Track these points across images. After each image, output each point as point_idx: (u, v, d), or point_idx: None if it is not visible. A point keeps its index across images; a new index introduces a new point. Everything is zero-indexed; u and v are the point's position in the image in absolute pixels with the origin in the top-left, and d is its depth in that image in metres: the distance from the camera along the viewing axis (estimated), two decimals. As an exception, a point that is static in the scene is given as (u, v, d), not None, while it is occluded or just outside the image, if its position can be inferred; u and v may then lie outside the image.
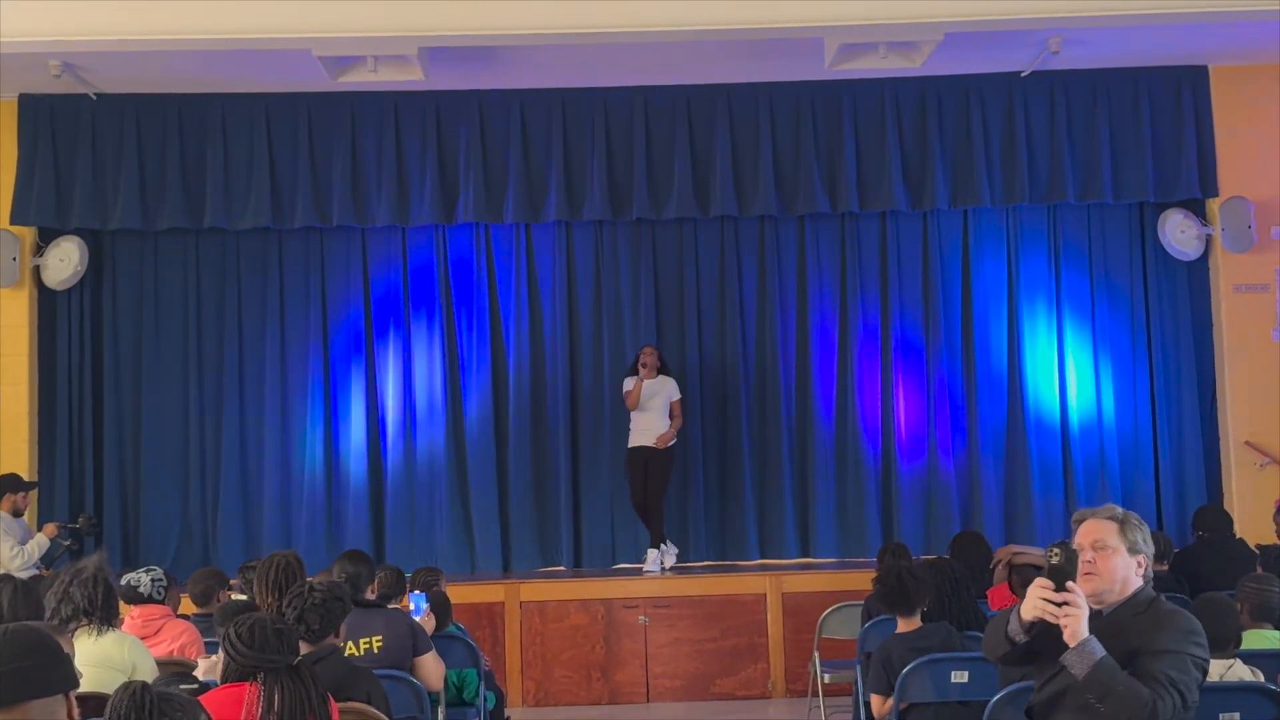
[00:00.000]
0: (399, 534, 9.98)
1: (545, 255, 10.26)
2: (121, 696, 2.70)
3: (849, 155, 9.68)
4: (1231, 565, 6.72)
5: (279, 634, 3.66)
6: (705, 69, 9.43)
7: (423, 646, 5.40)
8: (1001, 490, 10.12)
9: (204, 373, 10.11)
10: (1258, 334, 9.74)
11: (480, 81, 9.54)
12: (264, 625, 3.66)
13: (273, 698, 3.53)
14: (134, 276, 10.13)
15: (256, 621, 3.68)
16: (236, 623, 3.70)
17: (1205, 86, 9.78)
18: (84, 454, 9.90)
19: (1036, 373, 10.21)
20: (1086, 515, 3.78)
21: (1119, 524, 3.70)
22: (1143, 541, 3.70)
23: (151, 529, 9.98)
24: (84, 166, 9.51)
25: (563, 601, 8.88)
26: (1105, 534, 3.69)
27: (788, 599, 8.83)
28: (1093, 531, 3.70)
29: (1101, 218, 10.26)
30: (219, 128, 9.59)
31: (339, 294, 10.21)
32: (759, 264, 10.28)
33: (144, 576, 5.77)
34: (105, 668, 4.68)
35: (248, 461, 10.09)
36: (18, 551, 8.38)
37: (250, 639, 3.61)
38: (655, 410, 9.43)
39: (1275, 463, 9.55)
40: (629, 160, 9.71)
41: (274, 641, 3.62)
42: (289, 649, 3.65)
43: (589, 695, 8.76)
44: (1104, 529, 3.70)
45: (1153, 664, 3.46)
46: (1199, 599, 4.73)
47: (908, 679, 5.00)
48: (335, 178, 9.62)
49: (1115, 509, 3.77)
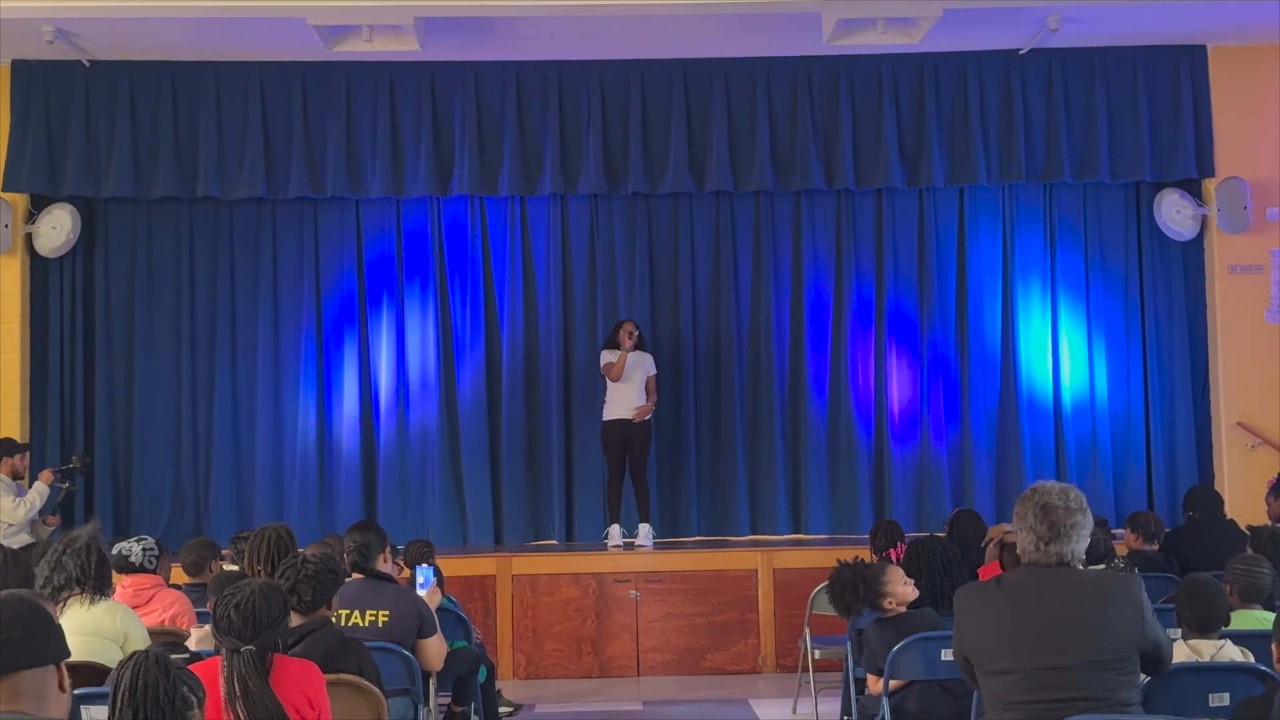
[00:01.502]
0: (391, 506, 9.97)
1: (540, 229, 10.23)
2: (142, 664, 2.68)
3: (845, 131, 9.65)
4: (1222, 546, 6.73)
5: (268, 597, 3.68)
6: (702, 43, 9.38)
7: (428, 630, 5.35)
8: (993, 468, 10.14)
9: (196, 342, 10.08)
10: (1251, 315, 9.75)
11: (476, 53, 9.49)
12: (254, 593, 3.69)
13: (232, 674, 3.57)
14: (126, 245, 10.08)
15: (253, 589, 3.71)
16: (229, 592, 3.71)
17: (1204, 66, 9.76)
18: (75, 423, 9.88)
19: (1030, 351, 10.21)
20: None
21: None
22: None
23: (143, 498, 9.96)
24: (77, 134, 9.46)
25: (554, 575, 8.89)
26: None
27: (779, 575, 8.84)
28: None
29: (1097, 197, 10.25)
30: (213, 96, 9.54)
31: (332, 265, 10.18)
32: (754, 240, 10.25)
33: (135, 546, 5.77)
34: (97, 637, 4.68)
35: (239, 432, 10.07)
36: (19, 502, 8.39)
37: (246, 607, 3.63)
38: (635, 383, 9.43)
39: (1267, 444, 9.57)
40: (624, 134, 9.68)
41: (264, 607, 3.63)
42: (275, 619, 3.67)
43: (580, 668, 8.78)
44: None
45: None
46: (1185, 579, 4.74)
47: (898, 657, 5.01)
48: (329, 148, 9.57)
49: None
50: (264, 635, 3.62)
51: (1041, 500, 3.82)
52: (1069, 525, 3.79)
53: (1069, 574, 3.81)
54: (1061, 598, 3.75)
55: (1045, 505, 3.80)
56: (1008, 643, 3.77)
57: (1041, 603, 3.76)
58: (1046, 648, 3.70)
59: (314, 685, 3.71)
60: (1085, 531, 3.83)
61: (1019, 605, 3.79)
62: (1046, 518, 3.79)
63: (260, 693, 3.51)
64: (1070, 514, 3.79)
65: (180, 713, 2.71)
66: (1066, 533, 3.79)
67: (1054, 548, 3.79)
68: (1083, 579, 3.82)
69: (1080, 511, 3.82)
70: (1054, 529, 3.78)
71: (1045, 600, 3.76)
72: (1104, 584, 3.84)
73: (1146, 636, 3.76)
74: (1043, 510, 3.80)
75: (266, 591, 3.71)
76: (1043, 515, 3.79)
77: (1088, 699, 3.64)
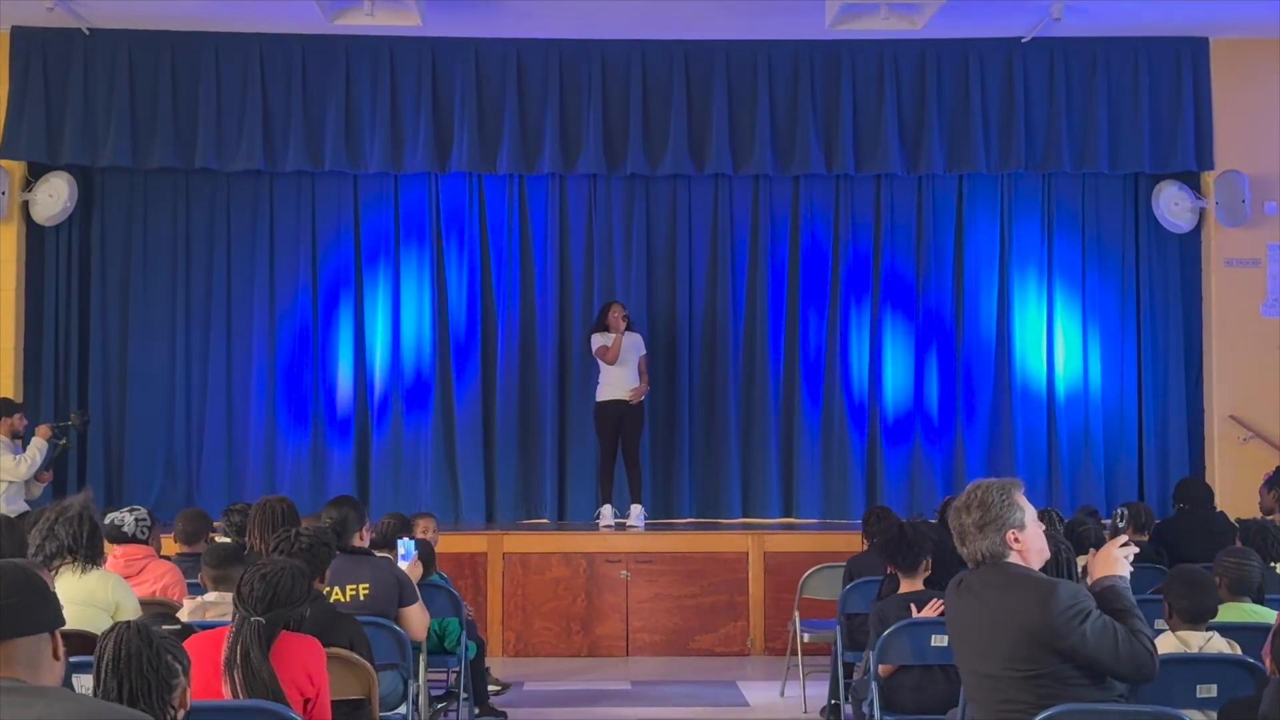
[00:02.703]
0: (384, 482, 9.99)
1: (538, 208, 10.21)
2: (124, 635, 2.71)
3: (846, 116, 9.65)
4: (1211, 538, 6.74)
5: (295, 579, 3.76)
6: (704, 24, 9.36)
7: (409, 598, 5.40)
8: (985, 457, 10.16)
9: (191, 313, 10.07)
10: (1246, 309, 9.77)
11: (477, 29, 9.46)
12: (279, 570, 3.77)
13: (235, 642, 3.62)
14: (123, 214, 10.06)
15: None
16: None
17: (1205, 59, 9.76)
18: (70, 392, 9.86)
19: (1025, 341, 10.23)
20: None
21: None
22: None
23: (135, 468, 9.96)
24: (75, 102, 9.43)
25: (545, 554, 8.90)
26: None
27: (769, 558, 8.86)
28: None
29: (1096, 187, 10.25)
30: (212, 67, 9.51)
31: (329, 239, 10.16)
32: (751, 223, 10.25)
33: (128, 516, 5.76)
34: (88, 606, 4.68)
35: (233, 404, 10.06)
36: (19, 459, 8.39)
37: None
38: (629, 364, 9.45)
39: (1258, 437, 9.60)
40: (624, 114, 9.66)
41: (287, 586, 3.71)
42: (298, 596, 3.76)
43: (569, 647, 8.80)
44: None
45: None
46: (1176, 569, 4.75)
47: (888, 641, 5.03)
48: (328, 122, 9.55)
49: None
50: (278, 611, 3.67)
51: (955, 503, 3.81)
52: (971, 524, 3.71)
53: (998, 577, 3.68)
54: (987, 603, 3.67)
55: (956, 508, 3.77)
56: (959, 646, 3.82)
57: (974, 608, 3.71)
58: (979, 653, 3.68)
59: (315, 661, 3.76)
60: (994, 529, 3.67)
61: (964, 609, 3.76)
62: (956, 519, 3.77)
63: (259, 664, 3.55)
64: (959, 514, 3.74)
65: (165, 680, 2.73)
66: (969, 533, 3.72)
67: (967, 549, 3.75)
68: (1005, 582, 3.66)
69: (973, 508, 3.70)
70: (961, 534, 3.75)
71: (977, 605, 3.70)
72: (1020, 590, 3.62)
73: (1074, 647, 3.51)
74: (955, 513, 3.78)
75: (295, 572, 3.79)
76: (955, 517, 3.78)
77: (1030, 705, 3.52)
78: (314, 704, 3.72)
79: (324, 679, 3.77)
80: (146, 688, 2.72)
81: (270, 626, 3.65)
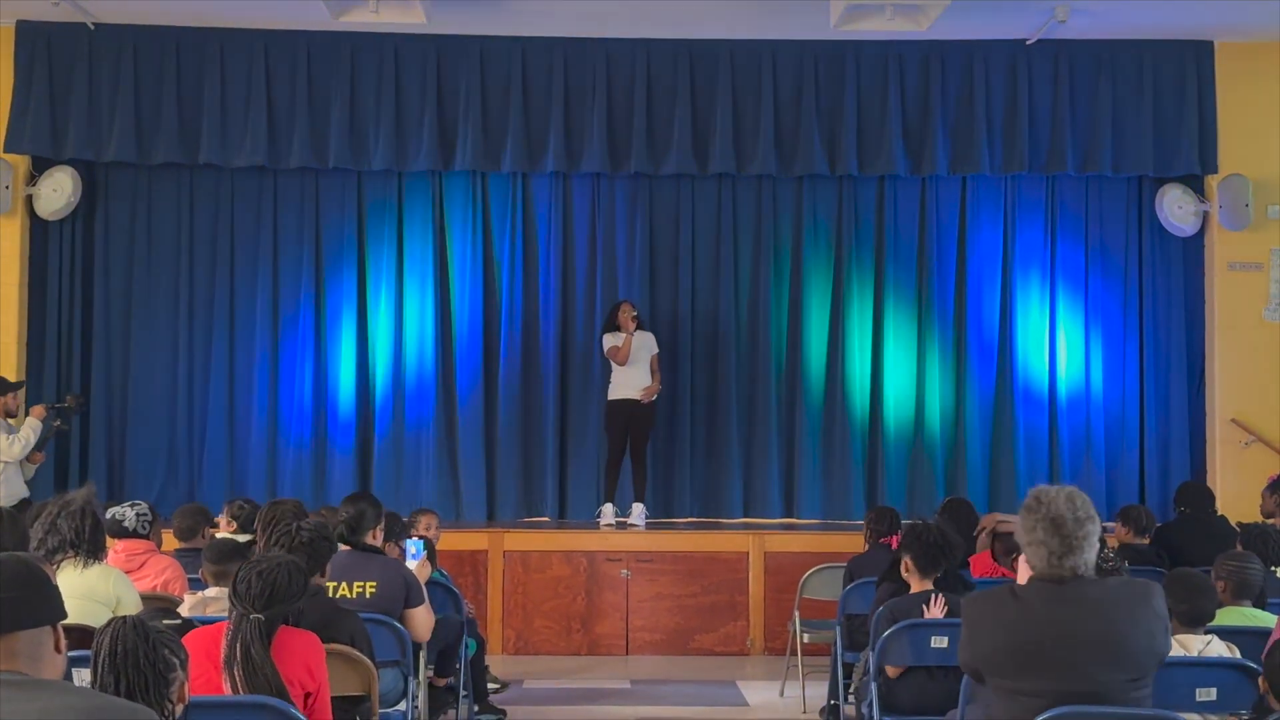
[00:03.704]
0: (385, 479, 9.98)
1: (541, 206, 10.21)
2: (120, 630, 2.72)
3: (850, 117, 9.65)
4: (1212, 542, 6.74)
5: (291, 574, 3.76)
6: (708, 24, 9.36)
7: (415, 599, 5.36)
8: (987, 458, 10.16)
9: (194, 309, 10.07)
10: (1249, 312, 9.77)
11: (482, 27, 9.46)
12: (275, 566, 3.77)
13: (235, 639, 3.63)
14: (127, 209, 10.06)
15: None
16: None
17: (1210, 62, 9.75)
18: (72, 385, 9.85)
19: (1027, 343, 10.22)
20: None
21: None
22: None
23: (137, 463, 9.96)
24: (80, 97, 9.44)
25: (545, 552, 8.91)
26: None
27: (770, 558, 8.86)
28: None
29: (1100, 190, 10.24)
30: (217, 63, 9.51)
31: (332, 236, 10.16)
32: (755, 224, 10.24)
33: (129, 511, 5.77)
34: (90, 600, 4.69)
35: (235, 400, 10.06)
36: (14, 439, 8.40)
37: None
38: (641, 364, 9.45)
39: (1260, 441, 9.60)
40: (628, 113, 9.67)
41: (284, 582, 3.72)
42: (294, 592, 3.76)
43: (569, 646, 8.80)
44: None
45: None
46: (1171, 574, 4.75)
47: (888, 642, 5.03)
48: (333, 119, 9.56)
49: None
50: (276, 608, 3.68)
51: (1051, 513, 3.56)
52: (1080, 536, 3.54)
53: (1091, 588, 3.57)
54: (1088, 617, 3.52)
55: (1055, 518, 3.54)
56: (1032, 665, 3.53)
57: (1067, 624, 3.52)
58: (1077, 674, 3.49)
59: (314, 656, 3.77)
60: (1096, 538, 3.59)
61: (1044, 627, 3.54)
62: (1058, 531, 3.54)
63: (261, 660, 3.56)
64: (1080, 524, 3.55)
65: (162, 675, 2.74)
66: (1079, 544, 3.54)
67: (1068, 561, 3.55)
68: (1106, 594, 3.58)
69: (1090, 519, 3.58)
70: (1066, 542, 3.54)
71: (1070, 621, 3.52)
72: (1129, 599, 3.58)
73: (1166, 648, 3.60)
74: (1053, 524, 3.54)
75: (291, 568, 3.79)
76: (1054, 529, 3.54)
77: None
78: (314, 698, 3.73)
79: (324, 673, 3.78)
80: (144, 682, 2.73)
81: (269, 623, 3.65)
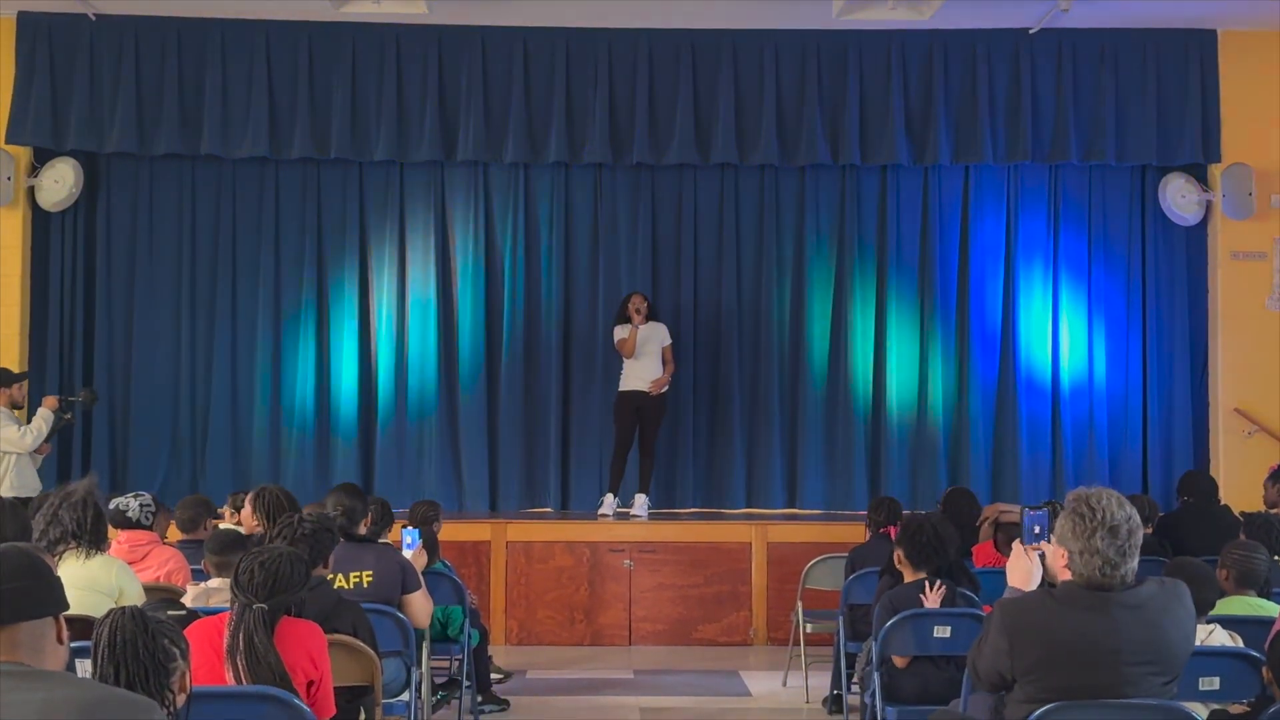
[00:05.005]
0: (388, 470, 9.99)
1: (544, 196, 10.20)
2: (119, 620, 2.72)
3: (852, 106, 9.63)
4: (1215, 531, 6.75)
5: (293, 564, 3.77)
6: (710, 13, 9.34)
7: (412, 585, 5.40)
8: (990, 448, 10.15)
9: (196, 300, 10.06)
10: (1252, 302, 9.76)
11: (483, 18, 9.45)
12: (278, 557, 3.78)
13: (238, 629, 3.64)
14: (129, 200, 10.05)
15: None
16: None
17: (1213, 51, 9.73)
18: (74, 378, 9.86)
19: (1030, 332, 10.21)
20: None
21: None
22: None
23: (140, 454, 9.97)
24: (81, 87, 9.43)
25: (548, 543, 8.91)
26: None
27: (773, 548, 8.86)
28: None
29: (1103, 179, 10.22)
30: (218, 54, 9.51)
31: (334, 227, 10.15)
32: (757, 214, 10.23)
33: (132, 502, 5.77)
34: (92, 591, 4.68)
35: (238, 391, 10.06)
36: (25, 430, 8.39)
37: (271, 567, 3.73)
38: (649, 356, 9.43)
39: (1263, 431, 9.59)
40: (630, 104, 9.66)
41: (286, 572, 3.73)
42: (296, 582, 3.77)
43: (571, 636, 8.81)
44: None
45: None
46: (1172, 563, 4.75)
47: (891, 633, 5.03)
48: (334, 110, 9.55)
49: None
50: (279, 598, 3.69)
51: (1109, 521, 3.48)
52: (1133, 544, 3.50)
53: (1131, 595, 3.52)
54: (1135, 624, 3.49)
55: (1113, 528, 3.48)
56: (1080, 674, 3.49)
57: (1116, 632, 3.48)
58: (1121, 679, 3.48)
59: (317, 645, 3.78)
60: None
61: (1097, 637, 3.49)
62: (1115, 541, 3.48)
63: (264, 650, 3.57)
64: (1133, 532, 3.50)
65: (162, 665, 2.74)
66: (1132, 551, 3.50)
67: (1122, 569, 3.50)
68: (1150, 600, 3.53)
69: (1140, 524, 3.55)
70: (1121, 550, 3.49)
71: (1120, 629, 3.48)
72: (1167, 603, 3.55)
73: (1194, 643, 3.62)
74: (1111, 533, 3.48)
75: (293, 558, 3.81)
76: (1111, 539, 3.48)
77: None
78: (317, 686, 3.74)
79: (326, 662, 3.79)
80: (144, 673, 2.73)
81: (272, 613, 3.66)
